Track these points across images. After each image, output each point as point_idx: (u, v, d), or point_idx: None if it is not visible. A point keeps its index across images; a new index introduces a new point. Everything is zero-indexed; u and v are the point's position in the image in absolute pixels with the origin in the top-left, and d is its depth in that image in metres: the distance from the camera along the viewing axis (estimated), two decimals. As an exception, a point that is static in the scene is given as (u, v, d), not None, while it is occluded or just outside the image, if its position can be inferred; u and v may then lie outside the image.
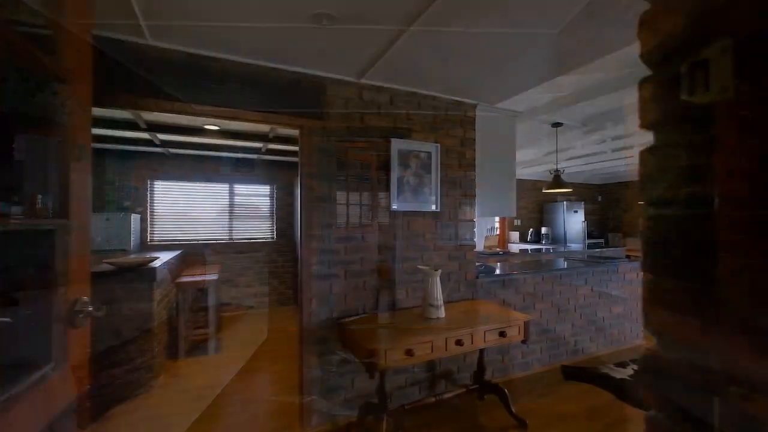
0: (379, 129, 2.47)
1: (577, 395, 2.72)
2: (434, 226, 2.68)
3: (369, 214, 2.44)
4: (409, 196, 2.56)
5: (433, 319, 2.22)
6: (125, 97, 1.89)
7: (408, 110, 2.57)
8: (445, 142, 2.72)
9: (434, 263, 2.67)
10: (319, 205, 2.28)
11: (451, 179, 2.75)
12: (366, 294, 2.42)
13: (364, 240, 2.41)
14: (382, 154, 2.48)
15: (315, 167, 2.27)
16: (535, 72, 2.33)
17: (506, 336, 2.19)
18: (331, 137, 2.32)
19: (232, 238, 5.11)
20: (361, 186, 2.41)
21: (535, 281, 3.14)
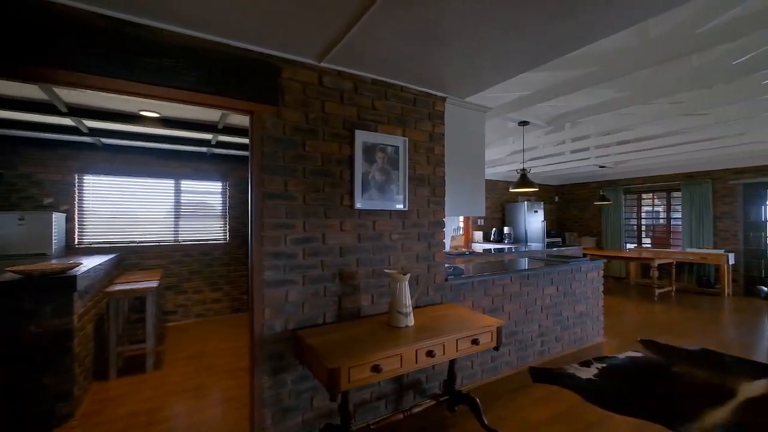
0: (341, 119, 2.24)
1: (547, 398, 2.65)
2: (402, 225, 2.49)
3: (330, 212, 2.19)
4: (375, 193, 2.35)
5: (402, 328, 2.03)
6: (28, 69, 1.51)
7: (374, 100, 2.36)
8: (414, 136, 2.54)
9: (402, 266, 2.48)
10: (272, 202, 2.00)
11: (419, 176, 2.57)
12: (327, 301, 2.17)
13: (324, 242, 2.17)
14: (345, 147, 2.25)
15: (268, 159, 1.99)
16: (507, 64, 2.20)
17: (479, 343, 2.04)
18: (286, 125, 2.05)
19: (179, 239, 4.62)
20: (321, 182, 2.16)
21: (503, 282, 3.05)
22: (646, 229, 7.89)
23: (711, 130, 4.53)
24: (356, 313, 2.28)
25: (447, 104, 2.74)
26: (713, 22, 2.13)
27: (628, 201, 8.01)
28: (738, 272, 6.29)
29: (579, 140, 5.21)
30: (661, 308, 5.43)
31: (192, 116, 3.30)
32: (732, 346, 3.78)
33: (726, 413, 2.43)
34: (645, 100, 3.30)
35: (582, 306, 3.71)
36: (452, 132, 2.78)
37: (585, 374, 3.04)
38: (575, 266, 3.65)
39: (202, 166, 4.77)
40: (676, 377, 2.99)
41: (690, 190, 6.77)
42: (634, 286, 7.14)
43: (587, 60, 2.72)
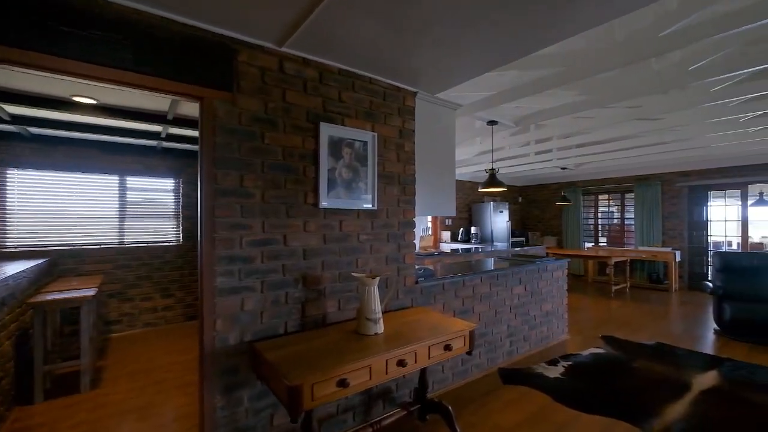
0: (305, 110, 2.06)
1: (517, 400, 2.61)
2: (370, 226, 2.35)
3: (293, 211, 2.01)
4: (342, 191, 2.19)
5: (371, 336, 1.89)
6: None
7: (341, 91, 2.20)
8: (383, 132, 2.41)
9: (371, 268, 2.34)
10: (226, 200, 1.79)
11: (388, 174, 2.44)
12: (289, 309, 1.99)
13: (286, 243, 1.98)
14: (309, 141, 2.07)
15: (221, 151, 1.78)
16: (479, 58, 2.13)
17: (452, 349, 1.95)
18: (243, 115, 1.84)
19: (124, 242, 4.19)
20: (282, 177, 1.97)
21: (474, 284, 3.00)
22: (602, 228, 8.29)
23: (662, 135, 4.79)
24: (321, 321, 2.11)
25: (417, 100, 2.63)
26: (676, 25, 2.17)
27: (586, 202, 8.37)
28: (683, 269, 6.74)
29: (542, 142, 5.34)
30: (617, 304, 5.68)
31: (136, 104, 2.96)
32: (682, 338, 3.99)
33: (684, 407, 2.51)
34: (605, 104, 3.38)
35: (548, 305, 3.75)
36: (423, 129, 2.68)
37: (552, 373, 3.06)
38: (542, 265, 3.68)
39: (153, 162, 4.36)
40: (637, 372, 3.07)
41: (642, 191, 7.17)
42: (592, 283, 7.47)
43: (556, 60, 2.72)
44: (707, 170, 6.44)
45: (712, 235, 6.67)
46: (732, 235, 6.58)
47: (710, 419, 2.36)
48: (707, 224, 6.64)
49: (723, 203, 6.58)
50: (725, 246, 7.00)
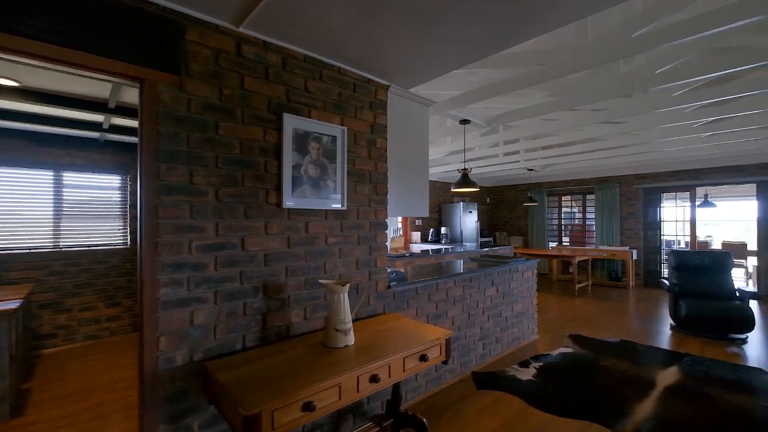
0: (266, 99, 1.85)
1: (492, 406, 2.54)
2: (339, 227, 2.17)
3: (252, 212, 1.79)
4: (308, 189, 2.00)
5: (340, 349, 1.72)
6: None
7: (307, 80, 2.01)
8: (353, 126, 2.24)
9: (340, 273, 2.16)
10: (172, 198, 1.55)
11: (359, 172, 2.28)
12: (247, 321, 1.77)
13: (244, 248, 1.76)
14: (271, 133, 1.87)
15: (166, 142, 1.54)
16: (455, 51, 2.02)
17: (427, 360, 1.82)
18: (193, 101, 1.61)
19: (60, 245, 3.73)
20: (240, 173, 1.75)
21: (447, 287, 2.90)
22: (565, 228, 8.58)
23: (622, 139, 4.97)
24: (285, 333, 1.91)
25: (390, 94, 2.49)
26: (645, 28, 2.17)
27: (551, 203, 8.63)
28: (640, 266, 7.09)
29: (511, 143, 5.40)
30: (581, 302, 5.85)
31: (68, 88, 2.60)
32: (643, 335, 4.13)
33: (651, 404, 2.54)
34: (573, 105, 3.41)
35: (519, 305, 3.75)
36: (395, 125, 2.54)
37: (525, 375, 3.02)
38: (513, 266, 3.66)
39: (95, 156, 3.92)
40: (605, 371, 3.11)
41: (602, 193, 7.48)
42: (557, 282, 7.69)
43: (528, 59, 2.68)
44: (661, 173, 6.80)
45: (664, 235, 7.07)
46: (681, 235, 7.01)
47: (676, 416, 2.39)
48: (660, 224, 7.03)
49: (674, 204, 6.99)
50: (675, 245, 7.45)
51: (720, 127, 4.22)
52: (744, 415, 2.41)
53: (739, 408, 2.50)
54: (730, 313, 3.83)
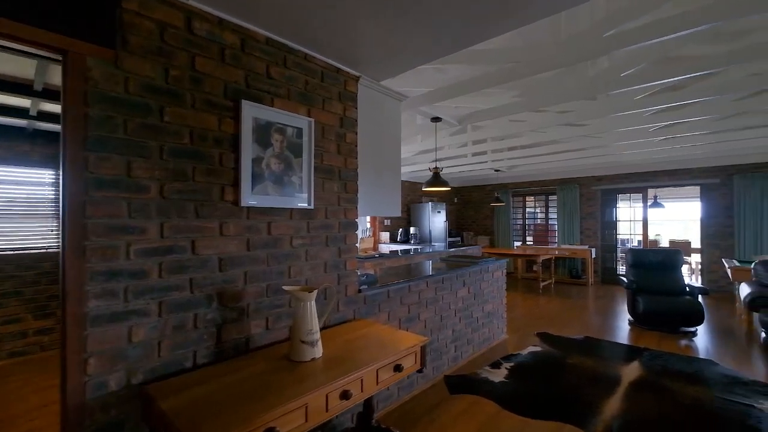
0: (222, 83, 1.64)
1: (466, 411, 2.46)
2: (306, 228, 1.99)
3: (205, 210, 1.58)
4: (271, 186, 1.81)
5: (307, 362, 1.55)
6: None
7: (269, 65, 1.82)
8: (321, 118, 2.08)
9: (306, 278, 1.98)
10: (104, 194, 1.31)
11: (328, 168, 2.11)
12: (199, 335, 1.55)
13: (195, 251, 1.54)
14: (228, 122, 1.66)
15: (96, 128, 1.30)
16: (427, 42, 1.91)
17: (402, 370, 1.69)
18: (131, 81, 1.38)
19: (-22, 249, 3.24)
20: (190, 167, 1.54)
21: (419, 289, 2.80)
22: (529, 228, 8.83)
23: (583, 141, 5.14)
24: (244, 346, 1.71)
25: (360, 86, 2.34)
26: (620, 27, 2.18)
27: (516, 203, 8.85)
28: (598, 264, 7.43)
29: (479, 143, 5.43)
30: (545, 300, 6.00)
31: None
32: (605, 331, 4.27)
33: (618, 401, 2.58)
34: (541, 106, 3.44)
35: (490, 305, 3.73)
36: (366, 119, 2.40)
37: (497, 377, 2.99)
38: (484, 266, 3.64)
39: (23, 147, 3.45)
40: (573, 369, 3.14)
41: (563, 194, 7.76)
42: (521, 280, 7.88)
43: (500, 56, 2.64)
44: (617, 175, 7.16)
45: (620, 234, 7.46)
46: (635, 234, 7.42)
47: (642, 413, 2.44)
48: (616, 224, 7.41)
49: (628, 205, 7.38)
50: (629, 243, 7.88)
51: (671, 132, 4.47)
52: (703, 408, 2.50)
53: (698, 401, 2.60)
54: (683, 307, 4.04)
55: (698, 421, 2.34)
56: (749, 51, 2.43)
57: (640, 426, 2.28)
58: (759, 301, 3.60)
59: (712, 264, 6.24)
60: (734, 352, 3.56)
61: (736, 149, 5.54)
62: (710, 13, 1.93)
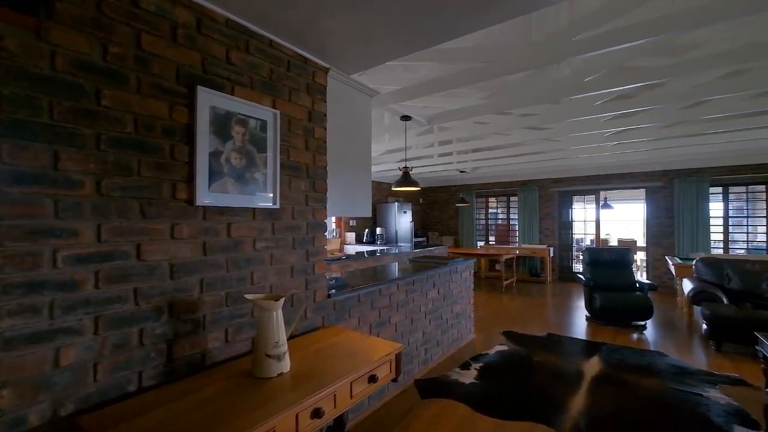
0: (175, 66, 1.45)
1: (438, 417, 2.41)
2: (271, 229, 1.83)
3: (153, 210, 1.38)
4: (231, 183, 1.63)
5: (273, 378, 1.40)
6: None
7: (229, 49, 1.64)
8: (288, 111, 1.92)
9: (271, 284, 1.82)
10: (22, 190, 1.09)
11: (295, 164, 1.96)
12: (145, 353, 1.35)
13: (140, 257, 1.34)
14: (181, 111, 1.47)
15: (13, 110, 1.08)
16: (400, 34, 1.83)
17: (377, 380, 1.59)
18: (59, 56, 1.16)
19: None
20: (134, 160, 1.33)
21: (390, 292, 2.71)
22: (491, 228, 9.07)
23: (543, 145, 5.33)
24: (199, 363, 1.52)
25: (330, 79, 2.21)
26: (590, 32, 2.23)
27: (479, 204, 9.06)
28: (555, 263, 7.77)
29: (445, 144, 5.47)
30: (508, 298, 6.16)
31: None
32: (564, 327, 4.43)
33: (583, 397, 2.65)
34: (507, 108, 3.49)
35: (458, 306, 3.73)
36: (336, 114, 2.27)
37: (467, 378, 2.97)
38: (453, 267, 3.63)
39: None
40: (539, 367, 3.21)
41: (524, 195, 8.04)
42: (484, 279, 8.06)
43: (472, 54, 2.62)
44: (573, 178, 7.54)
45: (575, 234, 7.85)
46: (588, 233, 7.85)
47: (605, 407, 2.51)
48: (572, 224, 7.80)
49: (583, 206, 7.80)
50: (583, 242, 8.32)
51: (622, 138, 4.74)
52: (659, 399, 2.63)
53: (654, 392, 2.73)
54: (635, 303, 4.29)
55: (656, 412, 2.45)
56: (690, 65, 2.60)
57: (604, 421, 2.35)
58: (701, 295, 3.89)
59: (656, 261, 6.73)
60: (679, 344, 3.82)
61: (677, 155, 6.02)
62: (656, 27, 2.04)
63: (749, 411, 2.46)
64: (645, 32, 2.08)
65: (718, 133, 4.59)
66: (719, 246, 6.33)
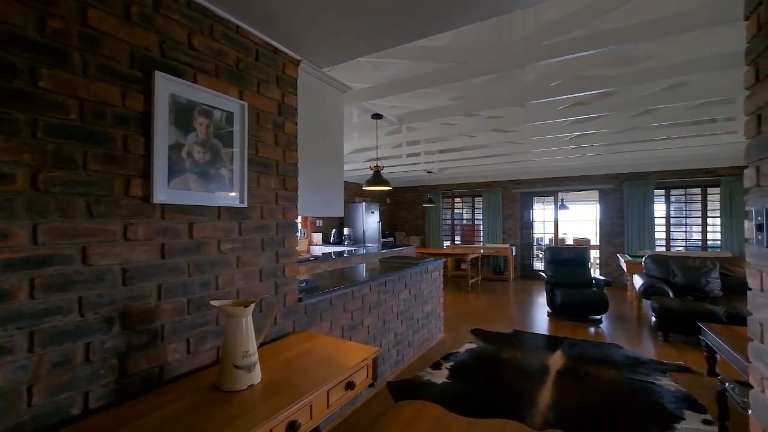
0: (128, 47, 1.30)
1: (412, 419, 2.38)
2: (237, 230, 1.71)
3: (101, 208, 1.22)
4: (194, 179, 1.50)
5: (243, 391, 1.29)
6: None
7: (191, 33, 1.50)
8: (256, 103, 1.80)
9: (238, 288, 1.69)
10: (-66, 183, 0.91)
11: (264, 161, 1.85)
12: (92, 371, 1.19)
13: (87, 262, 1.18)
14: (135, 97, 1.32)
15: None
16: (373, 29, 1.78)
17: (354, 387, 1.52)
18: (-16, 26, 0.99)
19: None
20: (80, 151, 1.17)
21: (363, 293, 2.65)
22: (456, 228, 9.26)
23: (507, 147, 5.51)
24: (157, 378, 1.37)
25: (301, 72, 2.11)
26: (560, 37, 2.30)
27: (445, 204, 9.22)
28: (517, 261, 8.07)
29: (413, 144, 5.50)
30: (474, 296, 6.30)
31: None
32: (528, 323, 4.59)
33: (550, 391, 2.73)
34: (474, 110, 3.55)
35: (429, 305, 3.73)
36: (307, 109, 2.17)
37: (439, 378, 2.97)
38: (424, 267, 3.63)
39: None
40: (507, 363, 3.28)
41: (488, 196, 8.28)
42: (451, 278, 8.21)
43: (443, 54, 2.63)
44: (533, 180, 7.87)
45: (535, 233, 8.21)
46: (547, 233, 8.23)
47: (570, 399, 2.61)
48: (532, 224, 8.14)
49: (542, 207, 8.16)
50: (542, 241, 8.71)
51: (580, 142, 5.01)
52: (618, 389, 2.77)
53: (613, 383, 2.88)
54: (592, 298, 4.53)
55: (615, 401, 2.58)
56: (639, 76, 2.79)
57: (571, 413, 2.43)
58: (650, 290, 4.19)
59: (608, 258, 7.19)
60: (632, 336, 4.08)
61: (627, 160, 6.46)
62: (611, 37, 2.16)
63: (696, 396, 2.66)
64: (602, 42, 2.19)
65: (662, 140, 4.98)
66: (662, 244, 6.87)
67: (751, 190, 1.14)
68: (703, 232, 6.61)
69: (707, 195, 6.53)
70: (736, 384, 1.54)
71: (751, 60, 1.13)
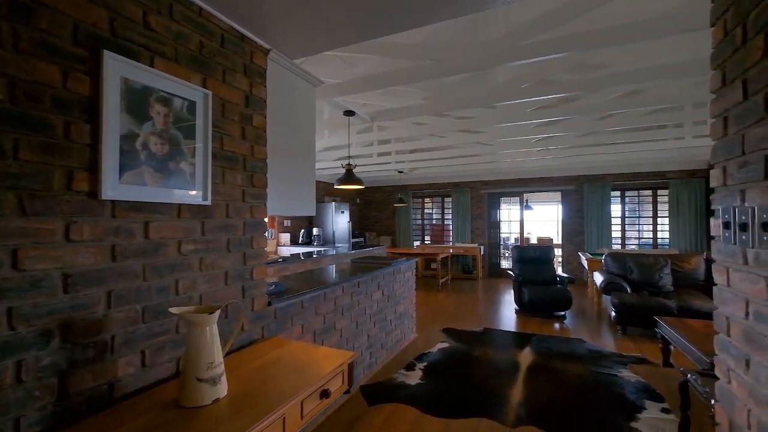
0: (72, 22, 1.14)
1: (387, 422, 2.32)
2: (200, 229, 1.57)
3: (38, 204, 1.06)
4: (150, 174, 1.35)
5: (207, 407, 1.17)
6: None
7: (147, 12, 1.36)
8: (222, 93, 1.67)
9: (201, 293, 1.56)
10: None
11: (230, 155, 1.72)
12: (25, 392, 1.03)
13: (18, 267, 1.02)
14: (80, 79, 1.16)
15: None
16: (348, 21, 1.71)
17: (330, 395, 1.43)
18: None
19: None
20: (10, 139, 1.01)
21: (335, 295, 2.56)
22: (426, 228, 9.34)
23: (475, 148, 5.61)
24: (106, 397, 1.22)
25: (271, 62, 1.99)
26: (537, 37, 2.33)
27: (415, 204, 9.27)
28: (486, 260, 8.26)
29: (384, 143, 5.46)
30: (444, 295, 6.36)
31: None
32: (497, 320, 4.69)
33: (521, 388, 2.78)
34: (445, 110, 3.56)
35: (401, 306, 3.70)
36: (277, 102, 2.05)
37: (413, 379, 2.94)
38: (396, 267, 3.59)
39: None
40: (478, 361, 3.31)
41: (457, 196, 8.41)
42: (421, 278, 8.25)
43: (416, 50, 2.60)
44: (500, 181, 8.08)
45: (502, 233, 8.44)
46: (513, 233, 8.49)
47: (540, 395, 2.66)
48: (499, 224, 8.36)
49: (509, 207, 8.41)
50: (509, 241, 8.99)
51: (545, 145, 5.19)
52: (583, 381, 2.87)
53: (578, 376, 2.98)
54: (557, 295, 4.70)
55: (582, 394, 2.67)
56: (598, 82, 2.92)
57: (542, 408, 2.48)
58: (610, 286, 4.40)
59: (570, 257, 7.52)
60: (593, 330, 4.26)
61: (587, 162, 6.79)
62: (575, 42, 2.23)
63: (654, 386, 2.80)
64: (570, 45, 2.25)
65: (618, 144, 5.27)
66: (618, 242, 7.29)
67: (717, 190, 1.18)
68: (653, 231, 7.08)
69: (657, 196, 7.00)
70: (698, 375, 1.61)
71: (717, 65, 1.17)
